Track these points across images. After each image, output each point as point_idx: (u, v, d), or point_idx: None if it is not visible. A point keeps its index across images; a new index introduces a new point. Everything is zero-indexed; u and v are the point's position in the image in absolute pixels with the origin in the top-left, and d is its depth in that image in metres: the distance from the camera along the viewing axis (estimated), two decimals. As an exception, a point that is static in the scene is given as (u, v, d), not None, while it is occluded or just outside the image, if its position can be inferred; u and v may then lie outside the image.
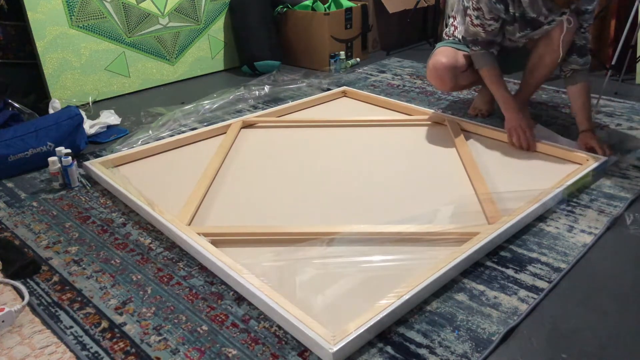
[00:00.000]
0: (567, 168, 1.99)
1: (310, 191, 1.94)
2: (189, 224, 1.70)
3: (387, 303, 1.28)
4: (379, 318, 1.24)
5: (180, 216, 1.72)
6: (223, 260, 1.47)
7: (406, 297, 1.30)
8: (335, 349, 1.16)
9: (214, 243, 1.58)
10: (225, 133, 2.45)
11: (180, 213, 1.75)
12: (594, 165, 1.92)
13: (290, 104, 2.77)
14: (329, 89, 3.05)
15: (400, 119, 2.57)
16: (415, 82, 3.10)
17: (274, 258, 1.53)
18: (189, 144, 2.38)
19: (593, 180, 1.90)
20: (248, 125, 2.56)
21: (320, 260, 1.51)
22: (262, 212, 1.80)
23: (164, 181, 2.05)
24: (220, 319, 1.33)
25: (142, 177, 2.08)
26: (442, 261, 1.43)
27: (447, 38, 2.43)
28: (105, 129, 2.58)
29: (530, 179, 1.93)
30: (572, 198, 1.81)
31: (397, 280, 1.39)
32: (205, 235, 1.61)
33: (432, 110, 2.58)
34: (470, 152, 2.14)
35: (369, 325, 1.22)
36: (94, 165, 2.09)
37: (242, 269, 1.43)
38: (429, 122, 2.52)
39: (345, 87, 3.04)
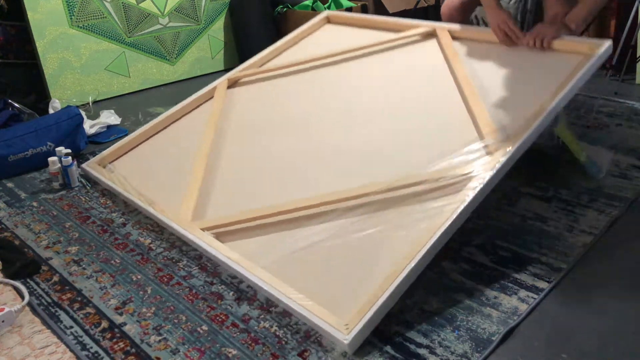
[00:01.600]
0: (571, 62, 1.85)
1: (306, 151, 1.85)
2: (192, 219, 1.67)
3: (391, 278, 1.27)
4: (385, 297, 1.23)
5: (182, 211, 1.70)
6: (231, 257, 1.47)
7: (408, 269, 1.28)
8: (349, 339, 1.17)
9: (219, 236, 1.57)
10: (212, 97, 2.34)
11: (182, 207, 1.72)
12: (599, 53, 1.80)
13: (274, 46, 2.55)
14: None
15: (389, 40, 2.35)
16: (415, 82, 3.10)
17: (278, 246, 1.51)
18: (179, 118, 2.28)
19: (585, 159, 1.86)
20: (233, 83, 2.41)
21: (322, 240, 1.48)
22: (262, 186, 1.75)
23: (160, 169, 2.00)
24: (220, 319, 1.33)
25: (139, 169, 2.04)
26: (440, 216, 1.38)
27: None
28: (105, 129, 2.58)
29: (532, 85, 1.81)
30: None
31: (401, 245, 1.35)
32: (209, 229, 1.60)
33: (422, 22, 2.39)
34: (463, 68, 1.98)
35: (377, 307, 1.22)
36: (92, 168, 2.09)
37: (250, 264, 1.43)
38: (420, 38, 2.32)
39: (328, 10, 2.80)
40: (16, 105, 2.54)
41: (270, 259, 1.47)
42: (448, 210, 1.40)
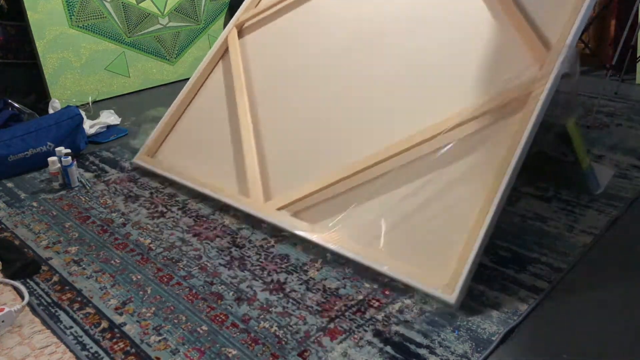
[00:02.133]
0: None
1: (343, 96, 1.80)
2: (265, 200, 1.72)
3: (477, 227, 1.33)
4: (475, 250, 1.31)
5: (253, 193, 1.75)
6: (318, 235, 1.55)
7: (490, 215, 1.33)
8: (454, 298, 1.29)
9: (296, 214, 1.65)
10: (227, 50, 2.27)
11: (251, 190, 1.75)
12: None
13: None
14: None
15: None
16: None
17: (356, 215, 1.54)
18: (204, 81, 2.24)
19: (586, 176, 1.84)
20: (240, 30, 2.31)
21: (396, 200, 1.52)
22: (315, 147, 1.78)
23: (207, 146, 2.04)
24: (220, 319, 1.33)
25: (187, 151, 2.08)
26: (509, 148, 1.39)
27: None
28: (105, 129, 2.58)
29: None
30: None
31: (476, 187, 1.40)
32: (284, 207, 1.67)
33: None
34: None
35: (471, 260, 1.30)
36: (144, 161, 2.14)
37: (338, 239, 1.51)
38: None
39: None
40: (16, 105, 2.54)
41: (352, 228, 1.53)
42: (513, 142, 1.40)
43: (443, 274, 1.33)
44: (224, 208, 1.82)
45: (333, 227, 1.54)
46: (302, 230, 1.58)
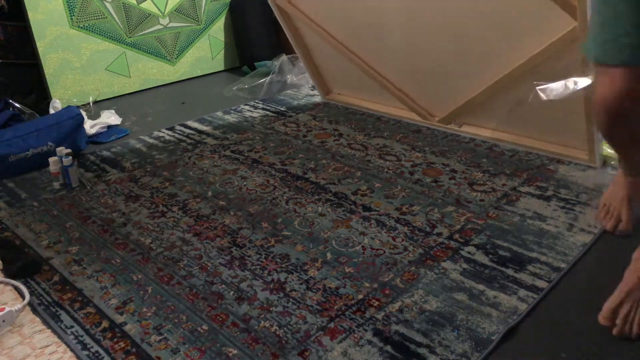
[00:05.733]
0: None
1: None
2: (427, 117, 2.24)
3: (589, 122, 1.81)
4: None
5: (418, 112, 2.29)
6: (482, 135, 2.18)
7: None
8: (598, 166, 1.88)
9: (458, 122, 2.22)
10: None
11: (415, 109, 2.30)
12: None
13: None
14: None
15: None
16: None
17: (498, 112, 2.10)
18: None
19: None
20: None
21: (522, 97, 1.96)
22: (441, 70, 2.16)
23: (359, 81, 2.49)
24: (220, 319, 1.33)
25: (349, 88, 2.62)
26: None
27: None
28: (105, 129, 2.58)
29: None
30: None
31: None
32: (449, 119, 2.24)
33: None
34: None
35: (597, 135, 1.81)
36: (331, 99, 2.68)
37: (493, 132, 2.15)
38: None
39: None
40: (17, 105, 2.54)
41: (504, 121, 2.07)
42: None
43: (581, 145, 1.92)
44: (224, 207, 1.83)
45: (485, 125, 2.14)
46: (474, 134, 2.17)
